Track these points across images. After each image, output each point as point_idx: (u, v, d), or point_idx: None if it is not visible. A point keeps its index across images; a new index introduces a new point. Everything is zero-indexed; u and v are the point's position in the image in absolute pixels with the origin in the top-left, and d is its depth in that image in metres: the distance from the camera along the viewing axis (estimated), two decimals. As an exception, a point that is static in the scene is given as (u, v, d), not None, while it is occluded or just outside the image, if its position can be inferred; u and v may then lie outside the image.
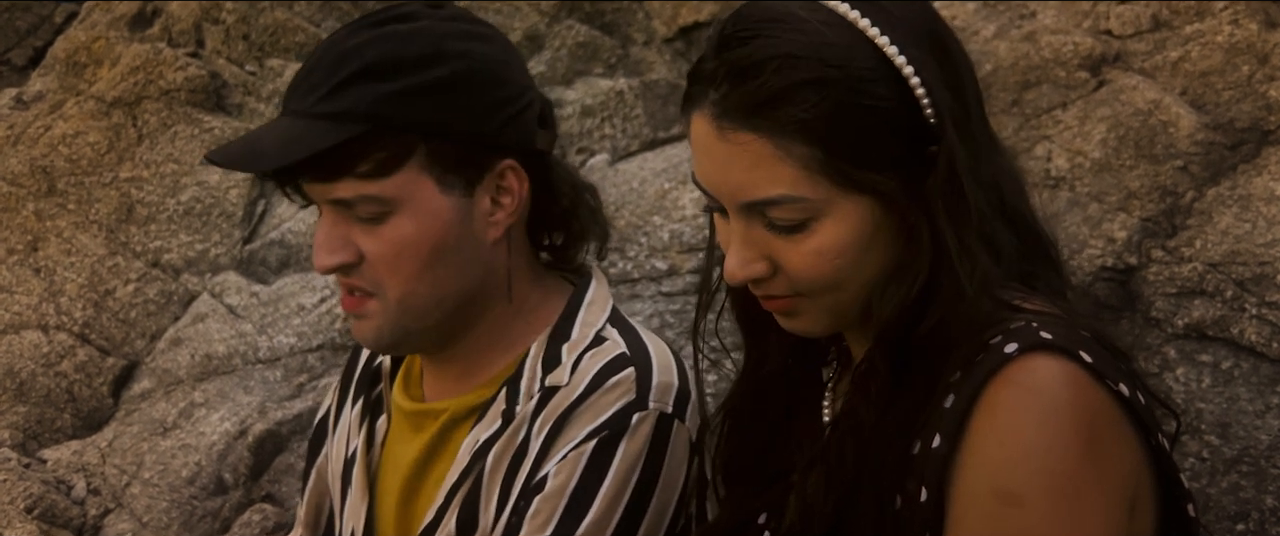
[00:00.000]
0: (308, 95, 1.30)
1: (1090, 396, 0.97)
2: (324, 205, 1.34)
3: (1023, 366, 0.98)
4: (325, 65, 1.31)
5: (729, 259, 1.09)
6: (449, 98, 1.33)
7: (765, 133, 1.03)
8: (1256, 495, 1.79)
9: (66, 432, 2.73)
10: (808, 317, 1.11)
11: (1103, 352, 1.01)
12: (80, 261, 2.95)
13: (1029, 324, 1.01)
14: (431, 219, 1.34)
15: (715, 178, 1.08)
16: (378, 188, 1.31)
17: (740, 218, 1.08)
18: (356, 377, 1.59)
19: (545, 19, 3.24)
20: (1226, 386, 1.89)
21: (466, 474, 1.37)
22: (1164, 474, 1.02)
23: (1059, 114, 2.34)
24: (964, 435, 0.98)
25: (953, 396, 1.00)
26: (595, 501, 1.27)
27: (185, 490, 2.45)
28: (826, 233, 1.05)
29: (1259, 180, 2.07)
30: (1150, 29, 2.43)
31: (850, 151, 1.02)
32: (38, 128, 3.21)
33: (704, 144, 1.07)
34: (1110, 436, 0.98)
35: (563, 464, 1.29)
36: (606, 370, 1.33)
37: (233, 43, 3.34)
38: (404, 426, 1.48)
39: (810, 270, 1.06)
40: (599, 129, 3.00)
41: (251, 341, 2.69)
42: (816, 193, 1.03)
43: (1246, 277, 1.96)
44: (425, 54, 1.32)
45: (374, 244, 1.33)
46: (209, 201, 3.02)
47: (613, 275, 2.49)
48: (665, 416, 1.31)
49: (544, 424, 1.33)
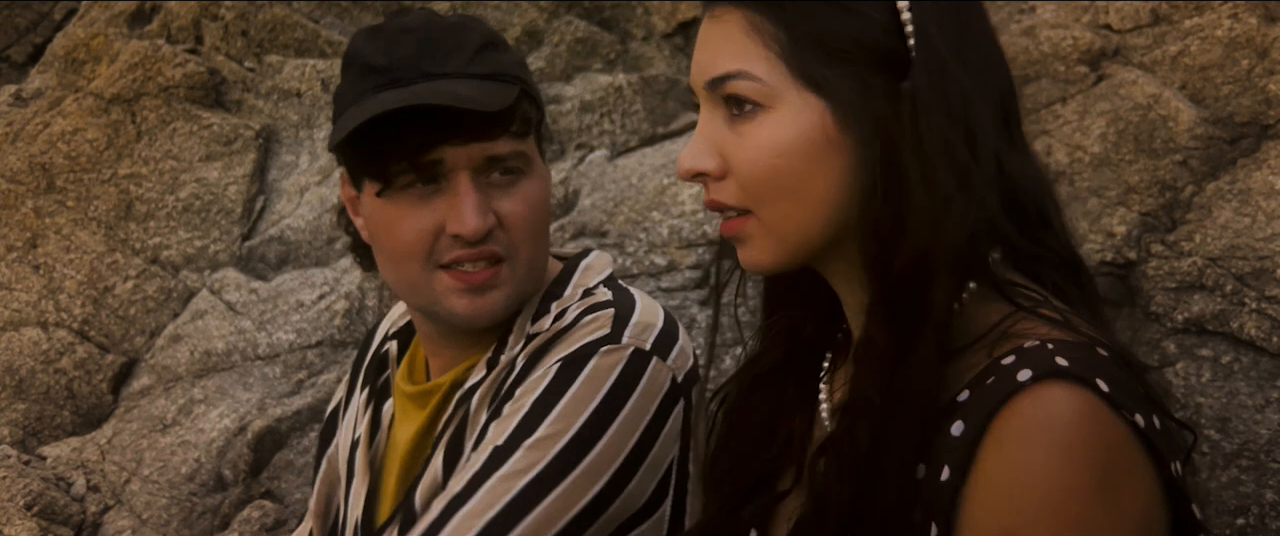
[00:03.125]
0: (449, 59, 1.34)
1: (1106, 432, 0.94)
2: (464, 172, 1.33)
3: (1035, 398, 0.94)
4: (447, 36, 1.35)
5: (684, 151, 1.10)
6: (531, 74, 1.42)
7: (743, 6, 1.05)
8: (1256, 489, 1.79)
9: (66, 429, 2.73)
10: (756, 244, 1.09)
11: (1121, 376, 0.97)
12: (79, 258, 2.95)
13: (1044, 344, 0.97)
14: (546, 183, 1.42)
15: (695, 62, 1.10)
16: (524, 146, 1.37)
17: (706, 106, 1.09)
18: (366, 366, 1.60)
19: (544, 14, 3.24)
20: (1226, 381, 1.89)
21: (451, 420, 1.39)
22: (1177, 506, 1.00)
23: (1058, 108, 2.33)
24: (972, 468, 0.96)
25: (961, 423, 0.97)
26: (550, 416, 1.27)
27: (185, 487, 2.45)
28: (773, 124, 1.04)
29: (1258, 174, 2.07)
30: (1150, 23, 2.42)
31: (814, 43, 1.03)
32: (37, 124, 3.21)
33: (699, 33, 1.10)
34: (1125, 474, 0.94)
35: (528, 383, 1.31)
36: (587, 312, 1.35)
37: (231, 39, 3.34)
38: (408, 407, 1.49)
39: (754, 165, 1.05)
40: (598, 124, 3.00)
41: (251, 338, 2.69)
42: (773, 78, 1.04)
43: (1246, 272, 1.96)
44: (502, 36, 1.42)
45: (512, 204, 1.36)
46: (208, 198, 3.02)
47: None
48: (640, 352, 1.31)
49: (524, 358, 1.35)
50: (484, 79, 1.33)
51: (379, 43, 1.36)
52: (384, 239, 1.39)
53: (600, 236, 2.56)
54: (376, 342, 1.62)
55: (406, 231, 1.35)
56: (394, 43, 1.34)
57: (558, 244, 2.58)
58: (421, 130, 1.30)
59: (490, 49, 1.36)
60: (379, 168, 1.35)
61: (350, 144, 1.34)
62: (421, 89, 1.31)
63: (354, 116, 1.31)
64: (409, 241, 1.35)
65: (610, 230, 2.56)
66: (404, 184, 1.34)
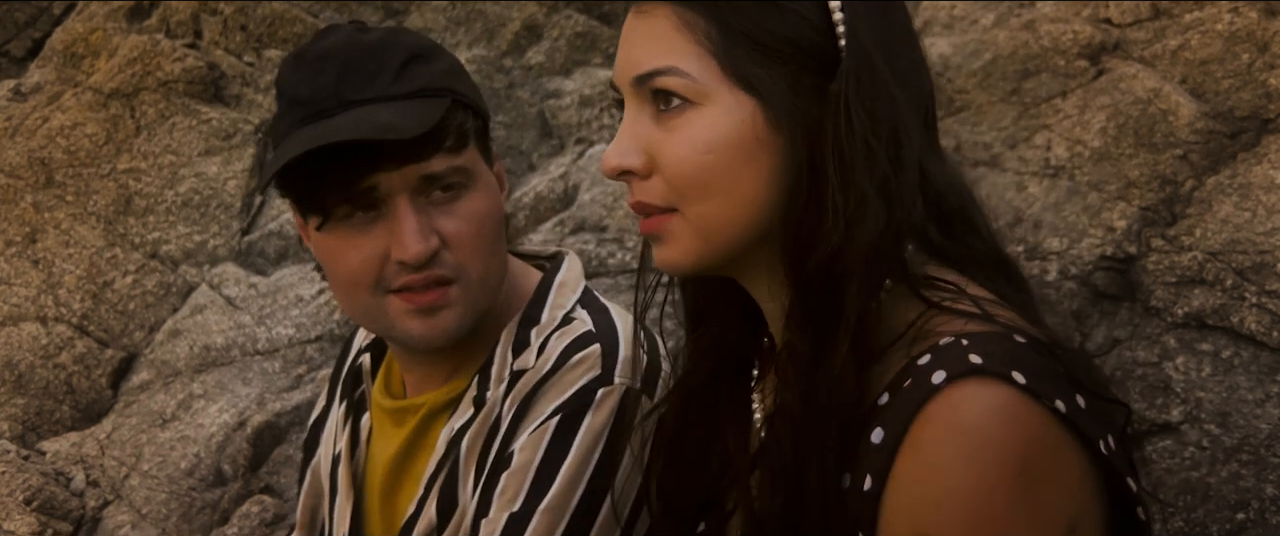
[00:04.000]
0: (371, 82, 1.30)
1: (1022, 425, 0.94)
2: (401, 196, 1.31)
3: (948, 401, 0.94)
4: (368, 57, 1.31)
5: (609, 149, 1.08)
6: (468, 80, 1.38)
7: (674, 1, 1.04)
8: (1257, 484, 1.79)
9: (65, 424, 2.73)
10: (676, 243, 1.07)
11: (1037, 363, 0.96)
12: (78, 253, 2.95)
13: (958, 340, 0.97)
14: (492, 193, 1.38)
15: (620, 58, 1.08)
16: (462, 160, 1.33)
17: (632, 103, 1.07)
18: (342, 379, 1.59)
19: (544, 9, 3.23)
20: (1226, 375, 1.89)
21: (443, 462, 1.38)
22: (1112, 480, 0.99)
23: (1059, 103, 2.33)
24: (889, 475, 0.96)
25: (881, 430, 0.97)
26: (559, 475, 1.27)
27: (184, 481, 2.45)
28: (703, 121, 1.03)
29: (1259, 168, 2.07)
30: (1150, 17, 2.42)
31: (747, 41, 1.02)
32: (36, 119, 3.20)
33: (624, 30, 1.08)
34: (1046, 466, 0.94)
35: (528, 439, 1.29)
36: (572, 347, 1.33)
37: (230, 34, 3.34)
38: (385, 423, 1.48)
39: (681, 163, 1.04)
40: (598, 119, 3.00)
41: (250, 333, 2.69)
42: (703, 75, 1.03)
43: (1246, 266, 1.96)
44: (434, 44, 1.37)
45: (455, 223, 1.33)
46: (207, 193, 3.01)
47: (612, 266, 2.48)
48: (632, 391, 1.30)
49: (512, 403, 1.33)
50: (409, 98, 1.30)
51: (302, 72, 1.33)
52: (332, 269, 1.37)
53: (600, 231, 2.55)
54: (351, 355, 1.60)
55: (352, 261, 1.33)
56: (315, 72, 1.31)
57: (558, 239, 2.57)
58: (350, 161, 1.28)
59: (417, 62, 1.33)
60: (315, 203, 1.33)
61: (284, 183, 1.32)
62: (342, 121, 1.28)
63: (280, 155, 1.30)
64: (355, 270, 1.33)
65: (610, 225, 2.56)
66: (343, 214, 1.32)
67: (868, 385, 1.00)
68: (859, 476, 0.98)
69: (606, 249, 2.51)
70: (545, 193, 2.78)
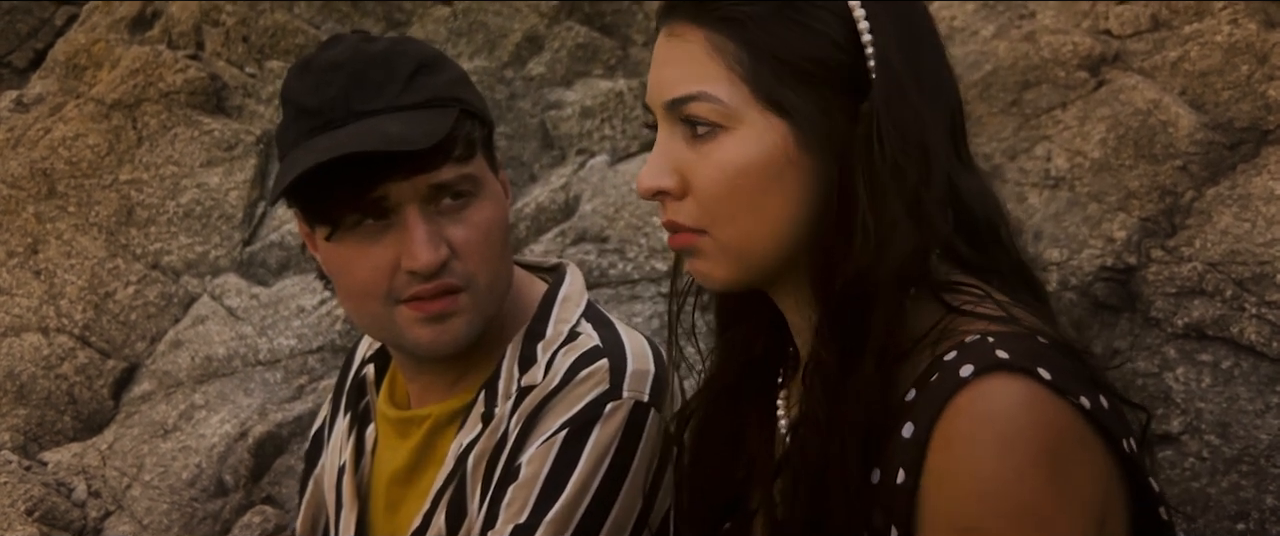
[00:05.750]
0: (380, 93, 1.30)
1: (1051, 417, 0.95)
2: (411, 205, 1.31)
3: (978, 393, 0.95)
4: (375, 67, 1.32)
5: (644, 170, 1.09)
6: (474, 89, 1.38)
7: (704, 25, 1.05)
8: (1257, 495, 1.79)
9: (67, 435, 2.74)
10: (710, 259, 1.09)
11: (1062, 363, 0.98)
12: (80, 264, 2.95)
13: (984, 338, 0.99)
14: (499, 201, 1.39)
15: (652, 79, 1.09)
16: (470, 169, 1.33)
17: (665, 126, 1.08)
18: (346, 390, 1.59)
19: (545, 20, 3.24)
20: (1226, 386, 1.89)
21: (451, 478, 1.38)
22: (1134, 479, 1.01)
23: (1058, 114, 2.34)
24: (923, 468, 0.97)
25: (911, 424, 0.98)
26: (566, 488, 1.27)
27: (186, 492, 2.45)
28: (736, 145, 1.04)
29: (1258, 180, 2.07)
30: (1150, 29, 2.43)
31: (776, 64, 1.03)
32: (38, 130, 3.21)
33: (656, 50, 1.09)
34: (1075, 456, 0.95)
35: (536, 452, 1.29)
36: (579, 363, 1.34)
37: (232, 45, 3.34)
38: (390, 434, 1.48)
39: (714, 185, 1.05)
40: (599, 130, 3.00)
41: (252, 343, 2.69)
42: (734, 99, 1.04)
43: (1246, 277, 1.96)
44: (439, 54, 1.38)
45: (464, 231, 1.33)
46: (209, 203, 3.02)
47: (613, 276, 2.49)
48: (640, 405, 1.31)
49: (520, 419, 1.33)
50: (418, 108, 1.31)
51: (309, 81, 1.33)
52: (342, 279, 1.37)
53: (601, 241, 2.56)
54: (355, 366, 1.60)
55: (362, 270, 1.33)
56: (323, 82, 1.32)
57: (559, 250, 2.58)
58: (360, 172, 1.28)
59: (424, 73, 1.33)
60: (325, 213, 1.33)
61: (292, 193, 1.32)
62: (352, 132, 1.28)
63: (292, 166, 1.30)
64: (366, 280, 1.33)
65: (611, 235, 2.56)
66: (352, 223, 1.32)
67: (895, 383, 1.02)
68: (891, 471, 0.99)
69: (608, 260, 2.52)
70: (546, 203, 2.78)
